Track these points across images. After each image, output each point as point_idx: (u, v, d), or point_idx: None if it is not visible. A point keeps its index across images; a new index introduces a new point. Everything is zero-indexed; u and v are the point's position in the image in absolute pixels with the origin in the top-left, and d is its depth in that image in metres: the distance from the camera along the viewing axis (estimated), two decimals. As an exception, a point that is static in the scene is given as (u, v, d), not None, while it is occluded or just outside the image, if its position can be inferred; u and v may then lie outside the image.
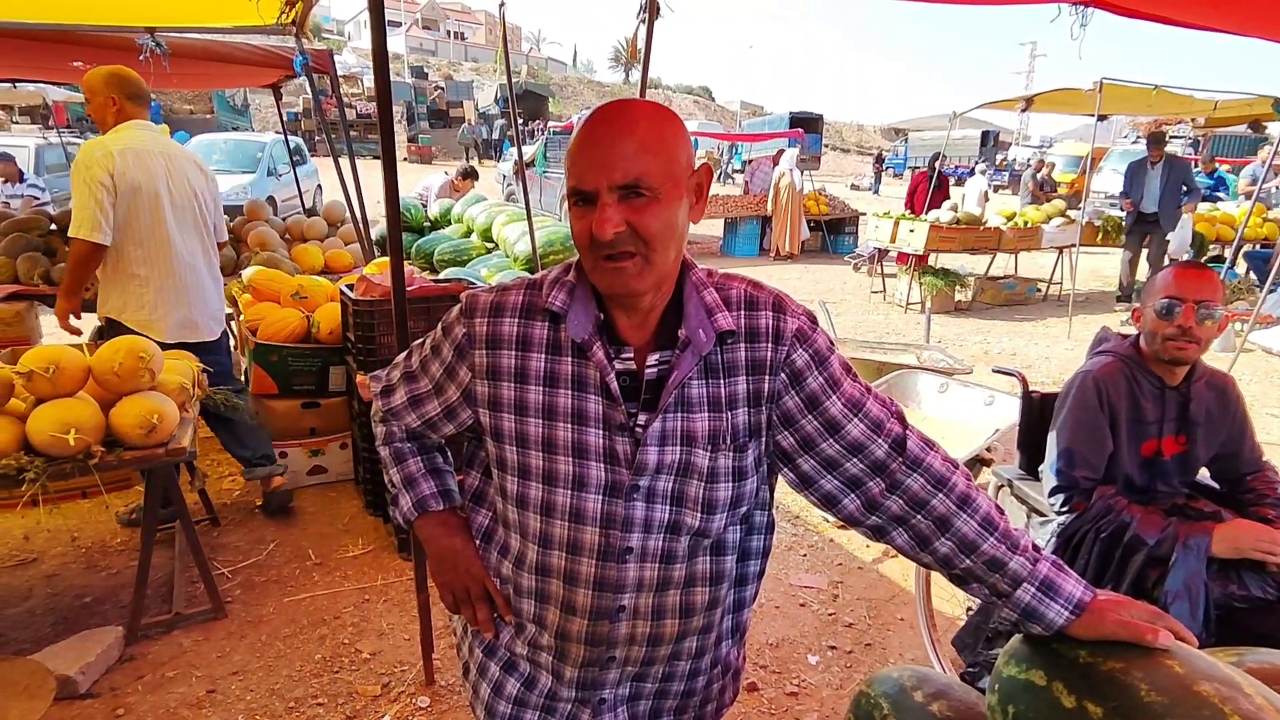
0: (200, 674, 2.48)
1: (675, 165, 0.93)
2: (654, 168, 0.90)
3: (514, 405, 1.00)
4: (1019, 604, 0.96)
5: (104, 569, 3.05)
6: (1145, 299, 1.87)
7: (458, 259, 6.36)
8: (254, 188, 10.43)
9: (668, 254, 0.93)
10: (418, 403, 1.13)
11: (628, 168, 0.89)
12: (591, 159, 0.90)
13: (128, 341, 2.48)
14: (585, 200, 0.91)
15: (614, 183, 0.89)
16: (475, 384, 1.03)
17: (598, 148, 0.91)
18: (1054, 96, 8.72)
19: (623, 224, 0.89)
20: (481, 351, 1.02)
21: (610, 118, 0.93)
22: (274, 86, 6.20)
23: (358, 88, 27.05)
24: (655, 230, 0.90)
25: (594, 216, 0.90)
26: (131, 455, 2.41)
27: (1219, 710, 0.77)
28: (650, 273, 0.92)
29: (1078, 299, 8.03)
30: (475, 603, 1.12)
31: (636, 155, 0.89)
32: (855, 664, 2.67)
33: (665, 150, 0.92)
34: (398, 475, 1.19)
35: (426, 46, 56.57)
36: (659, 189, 0.91)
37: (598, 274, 0.94)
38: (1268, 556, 1.65)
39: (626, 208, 0.90)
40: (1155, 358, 1.86)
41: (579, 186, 0.91)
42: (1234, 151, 18.12)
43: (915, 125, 37.76)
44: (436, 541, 1.15)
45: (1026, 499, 2.18)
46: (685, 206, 0.96)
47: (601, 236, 0.89)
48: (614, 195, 0.90)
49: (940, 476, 0.99)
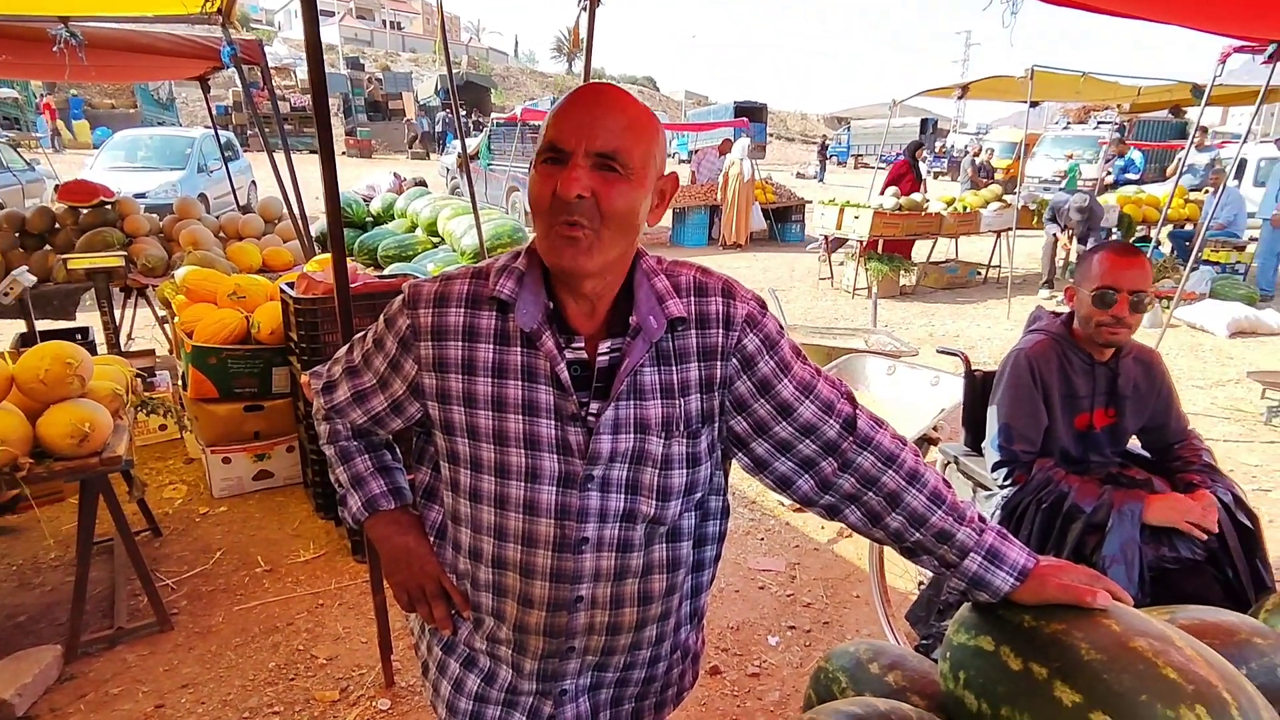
0: (147, 689, 2.40)
1: (651, 159, 0.94)
2: (634, 150, 0.90)
3: (463, 397, 0.98)
4: (967, 573, 0.99)
5: (37, 586, 2.91)
6: (1080, 280, 1.93)
7: (403, 254, 6.24)
8: (184, 185, 9.99)
9: (619, 240, 0.92)
10: (362, 399, 1.10)
11: (610, 138, 0.89)
12: (578, 121, 0.90)
13: (53, 347, 2.36)
14: (557, 159, 0.90)
15: (594, 148, 0.89)
16: (422, 376, 1.01)
17: (587, 112, 0.90)
18: (989, 84, 8.99)
19: (589, 189, 0.88)
20: (427, 343, 0.99)
21: (605, 91, 0.93)
22: (201, 79, 5.94)
23: (290, 80, 26.15)
24: (618, 208, 0.90)
25: (562, 175, 0.88)
26: (63, 466, 2.30)
27: (1153, 663, 0.81)
28: (598, 251, 0.91)
29: (1015, 281, 8.31)
30: (431, 600, 1.10)
31: (623, 131, 0.90)
32: (814, 642, 2.73)
33: (647, 140, 0.93)
34: (345, 475, 1.16)
35: (362, 37, 55.01)
36: (633, 170, 0.90)
37: (549, 241, 0.92)
38: (1193, 530, 1.74)
39: (598, 178, 0.89)
40: (1088, 339, 1.94)
41: (556, 143, 0.90)
42: (1157, 136, 18.94)
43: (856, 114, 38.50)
44: (389, 541, 1.13)
45: (972, 474, 2.25)
46: (648, 203, 0.96)
47: (566, 194, 0.87)
48: (588, 160, 0.89)
49: (890, 454, 1.02)
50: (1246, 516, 1.83)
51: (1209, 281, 8.06)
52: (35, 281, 4.16)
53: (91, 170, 10.02)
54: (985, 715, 0.91)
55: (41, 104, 21.32)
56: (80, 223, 5.21)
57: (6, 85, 17.46)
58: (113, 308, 4.76)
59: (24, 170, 10.74)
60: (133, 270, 4.78)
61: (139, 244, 5.04)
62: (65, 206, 5.29)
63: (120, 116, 22.45)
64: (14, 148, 11.45)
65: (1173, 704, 0.76)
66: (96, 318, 4.71)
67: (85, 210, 5.26)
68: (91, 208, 5.26)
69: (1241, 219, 9.05)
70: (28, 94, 19.24)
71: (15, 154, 11.05)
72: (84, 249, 4.82)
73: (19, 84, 18.12)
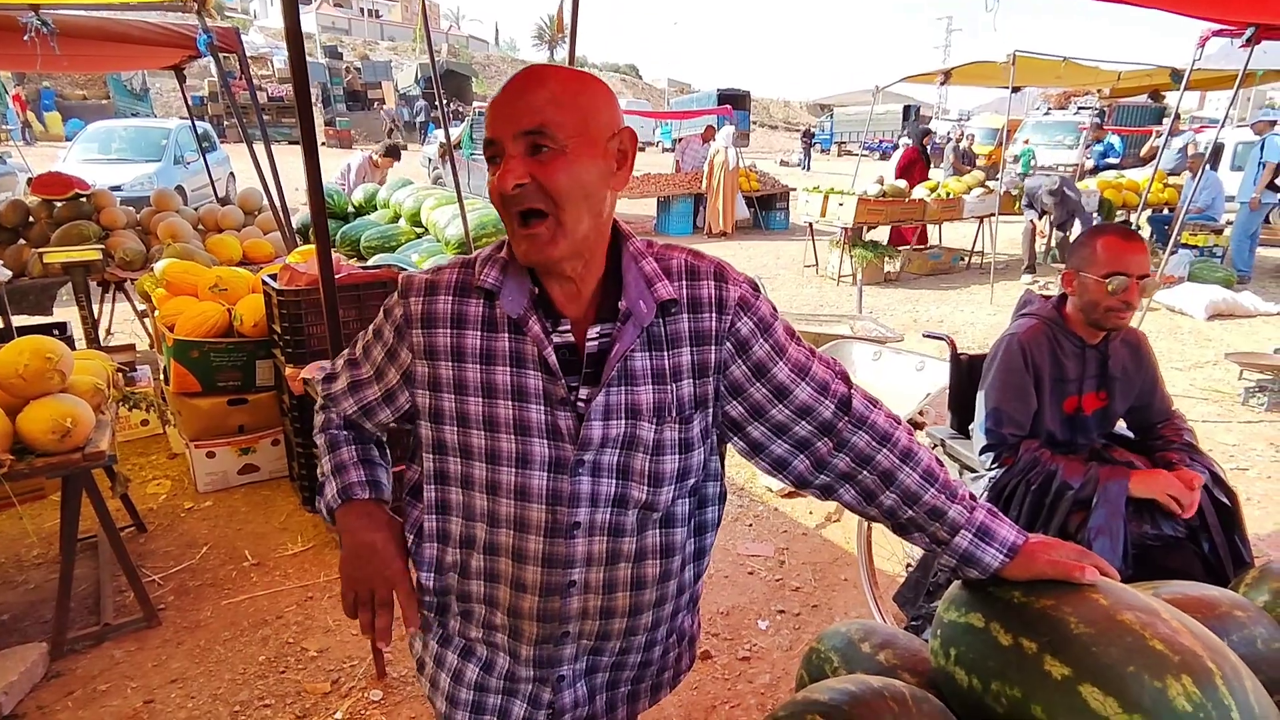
0: (135, 685, 2.38)
1: (590, 122, 0.90)
2: (563, 119, 0.88)
3: (453, 384, 0.98)
4: (957, 550, 1.00)
5: (20, 584, 2.88)
6: (1081, 265, 1.91)
7: (386, 245, 6.19)
8: (160, 177, 9.81)
9: (579, 216, 0.90)
10: (357, 388, 1.11)
11: (533, 115, 0.87)
12: (501, 109, 0.89)
13: (31, 342, 2.32)
14: (495, 155, 0.90)
15: (519, 129, 0.87)
16: (415, 365, 1.01)
17: (508, 99, 0.90)
18: (971, 69, 9.03)
19: (525, 176, 0.87)
20: (418, 331, 1.00)
21: (525, 73, 0.92)
22: (176, 68, 5.84)
23: (267, 69, 25.69)
24: (562, 186, 0.88)
25: (498, 170, 0.89)
26: (44, 462, 2.27)
27: (1140, 635, 0.82)
28: (563, 237, 0.90)
29: (998, 266, 8.37)
30: (378, 607, 1.05)
31: (545, 105, 0.88)
32: (804, 625, 2.75)
33: (578, 106, 0.90)
34: (329, 463, 1.14)
35: (340, 25, 54.23)
36: (566, 143, 0.88)
37: (514, 240, 0.93)
38: (1172, 504, 1.77)
39: (533, 162, 0.88)
40: (1089, 322, 1.94)
41: (489, 137, 0.90)
42: (1136, 121, 19.11)
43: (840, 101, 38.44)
44: (354, 534, 1.07)
45: (959, 456, 2.27)
46: (602, 170, 0.92)
47: (503, 187, 0.88)
48: (519, 145, 0.88)
49: (884, 433, 1.03)
50: (1225, 494, 1.87)
51: (1187, 265, 8.16)
52: (10, 276, 4.09)
53: (65, 163, 9.81)
54: (976, 690, 0.93)
55: (12, 95, 20.87)
56: (55, 216, 5.12)
57: (-26, 76, 17.08)
58: (91, 302, 4.69)
59: (-5, 163, 10.54)
60: (110, 264, 4.71)
61: (116, 237, 4.96)
62: (39, 200, 5.20)
63: (93, 108, 22.04)
64: (-16, 140, 11.21)
65: (1160, 674, 0.78)
66: (74, 312, 4.63)
67: (60, 203, 5.17)
68: (66, 201, 5.17)
69: (1220, 203, 9.17)
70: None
71: (-14, 147, 10.83)
72: (60, 242, 4.74)
73: (-12, 75, 17.74)
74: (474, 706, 1.10)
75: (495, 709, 1.10)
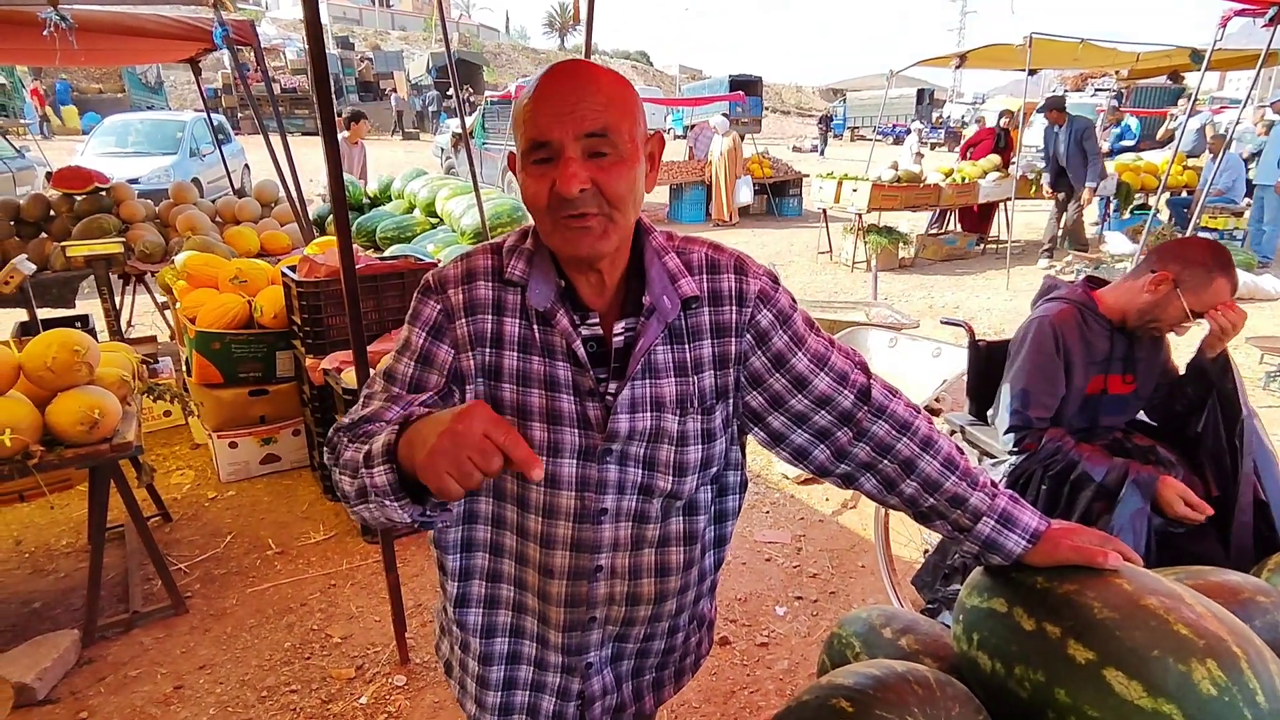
0: (165, 671, 2.43)
1: (636, 127, 0.91)
2: (621, 124, 0.88)
3: (489, 370, 0.98)
4: (980, 536, 1.01)
5: (51, 573, 2.94)
6: (1184, 280, 1.82)
7: (402, 235, 6.21)
8: (177, 169, 9.88)
9: (629, 217, 0.92)
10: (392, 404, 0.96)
11: (596, 116, 0.86)
12: (556, 109, 0.86)
13: (59, 335, 2.36)
14: (545, 156, 0.87)
15: (582, 131, 0.85)
16: (460, 359, 0.97)
17: (563, 99, 0.86)
18: (986, 52, 8.90)
19: (588, 181, 0.86)
20: (463, 321, 0.97)
21: (573, 70, 0.88)
22: (192, 61, 5.87)
23: (280, 60, 25.80)
24: (621, 191, 0.88)
25: (557, 172, 0.86)
26: (73, 453, 2.32)
27: (1164, 620, 0.82)
28: (615, 233, 0.91)
29: (1014, 251, 8.29)
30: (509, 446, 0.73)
31: (605, 109, 0.86)
32: (821, 612, 2.77)
33: (630, 110, 0.90)
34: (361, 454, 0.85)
35: (350, 15, 54.19)
36: (624, 147, 0.88)
37: (557, 235, 0.90)
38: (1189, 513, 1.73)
39: (593, 165, 0.87)
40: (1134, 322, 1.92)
41: (541, 138, 0.86)
42: (1154, 102, 18.79)
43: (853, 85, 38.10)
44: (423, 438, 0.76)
45: (977, 443, 2.27)
46: (643, 171, 0.94)
47: (567, 192, 0.85)
48: (579, 148, 0.86)
49: (904, 421, 1.03)
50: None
51: (1208, 248, 8.04)
52: (35, 269, 4.14)
53: (83, 156, 9.91)
54: (999, 675, 0.93)
55: (31, 90, 21.06)
56: (75, 210, 5.18)
57: (-8, 72, 17.24)
58: (113, 294, 4.75)
59: (14, 158, 10.62)
60: (131, 257, 4.76)
61: (136, 230, 5.01)
62: (59, 194, 5.26)
63: (108, 101, 22.19)
64: (3, 135, 11.32)
65: (1184, 659, 0.78)
66: (96, 305, 4.70)
67: (80, 197, 5.23)
68: (86, 194, 5.23)
69: (1240, 185, 9.02)
70: (14, 80, 18.99)
71: (4, 141, 10.93)
72: (81, 236, 4.80)
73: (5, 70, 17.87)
74: (502, 708, 1.11)
75: (523, 706, 1.11)
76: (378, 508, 0.83)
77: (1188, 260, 1.83)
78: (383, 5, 60.75)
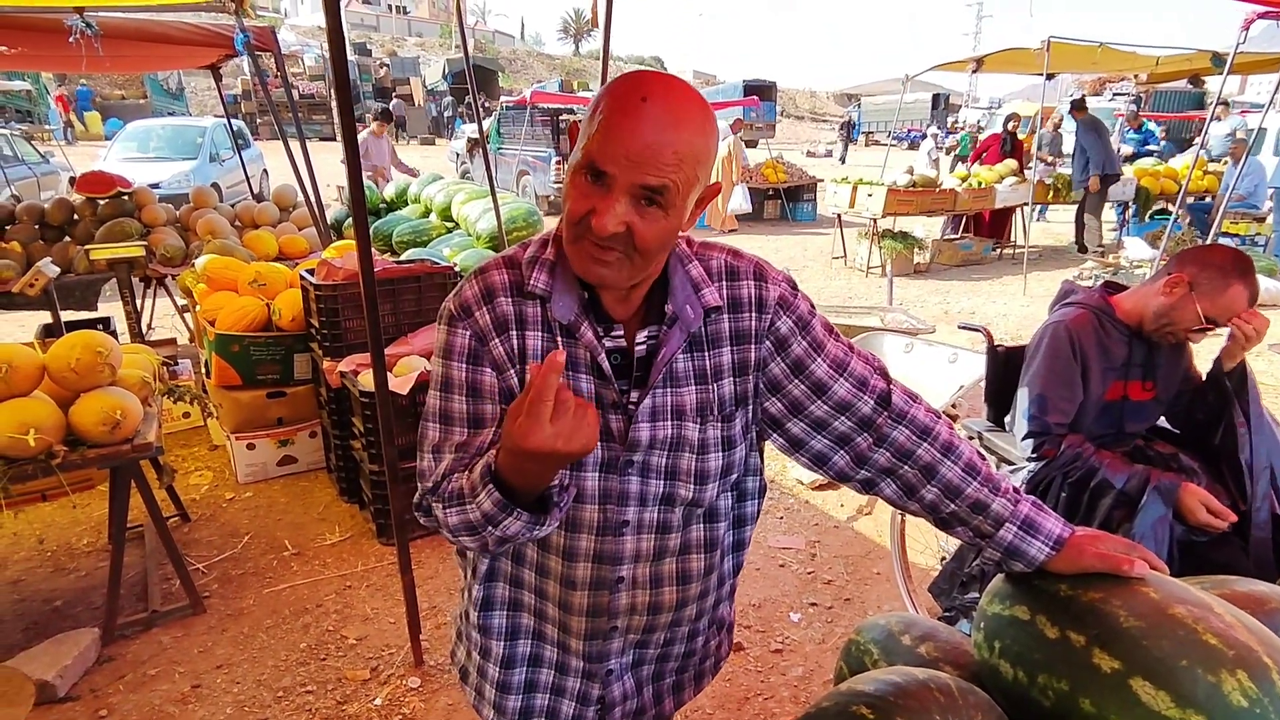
0: (183, 670, 2.45)
1: (697, 179, 0.87)
2: (684, 180, 0.84)
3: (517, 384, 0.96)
4: (1002, 543, 1.00)
5: (72, 571, 2.98)
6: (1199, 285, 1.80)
7: (418, 240, 6.26)
8: (197, 174, 10.02)
9: (651, 263, 0.90)
10: (465, 449, 0.95)
11: (660, 173, 0.82)
12: (627, 149, 0.81)
13: (83, 337, 2.40)
14: (597, 177, 0.84)
15: (638, 182, 0.82)
16: (505, 379, 0.95)
17: (638, 138, 0.81)
18: (1004, 56, 8.85)
19: (623, 225, 0.84)
20: (496, 341, 0.94)
21: (663, 105, 0.82)
22: (213, 67, 5.95)
23: (298, 66, 26.11)
24: (652, 244, 0.86)
25: (600, 205, 0.83)
26: (96, 453, 2.35)
27: (1192, 629, 0.81)
28: (629, 272, 0.89)
29: (1031, 256, 8.22)
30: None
31: (676, 167, 0.83)
32: (836, 619, 2.75)
33: (699, 160, 0.86)
34: (465, 489, 0.89)
35: (368, 22, 54.76)
36: (674, 205, 0.85)
37: (576, 253, 0.89)
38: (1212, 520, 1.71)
39: (635, 211, 0.84)
40: (1148, 326, 1.90)
41: (599, 166, 0.83)
42: (1175, 106, 18.58)
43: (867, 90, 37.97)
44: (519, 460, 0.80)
45: (996, 449, 2.25)
46: (685, 220, 0.90)
47: (600, 230, 0.83)
48: (630, 192, 0.83)
49: (925, 426, 1.02)
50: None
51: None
52: (59, 272, 4.21)
53: (105, 161, 10.06)
54: (1021, 683, 0.92)
55: (55, 96, 21.43)
56: (99, 214, 5.26)
57: (19, 78, 17.54)
58: (134, 297, 4.81)
59: (38, 163, 10.82)
60: (152, 260, 4.83)
61: (157, 234, 5.08)
62: (83, 198, 5.34)
63: (131, 107, 22.55)
64: (28, 140, 11.52)
65: (1214, 669, 0.77)
66: (118, 308, 4.76)
67: (103, 201, 5.31)
68: (109, 199, 5.31)
69: (1263, 189, 8.91)
70: (39, 86, 19.34)
71: (29, 146, 11.13)
72: (104, 240, 4.87)
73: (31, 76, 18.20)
74: (521, 713, 1.10)
75: (543, 710, 1.11)
76: (497, 531, 0.87)
77: (1205, 264, 1.81)
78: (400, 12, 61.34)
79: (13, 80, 17.17)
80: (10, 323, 5.95)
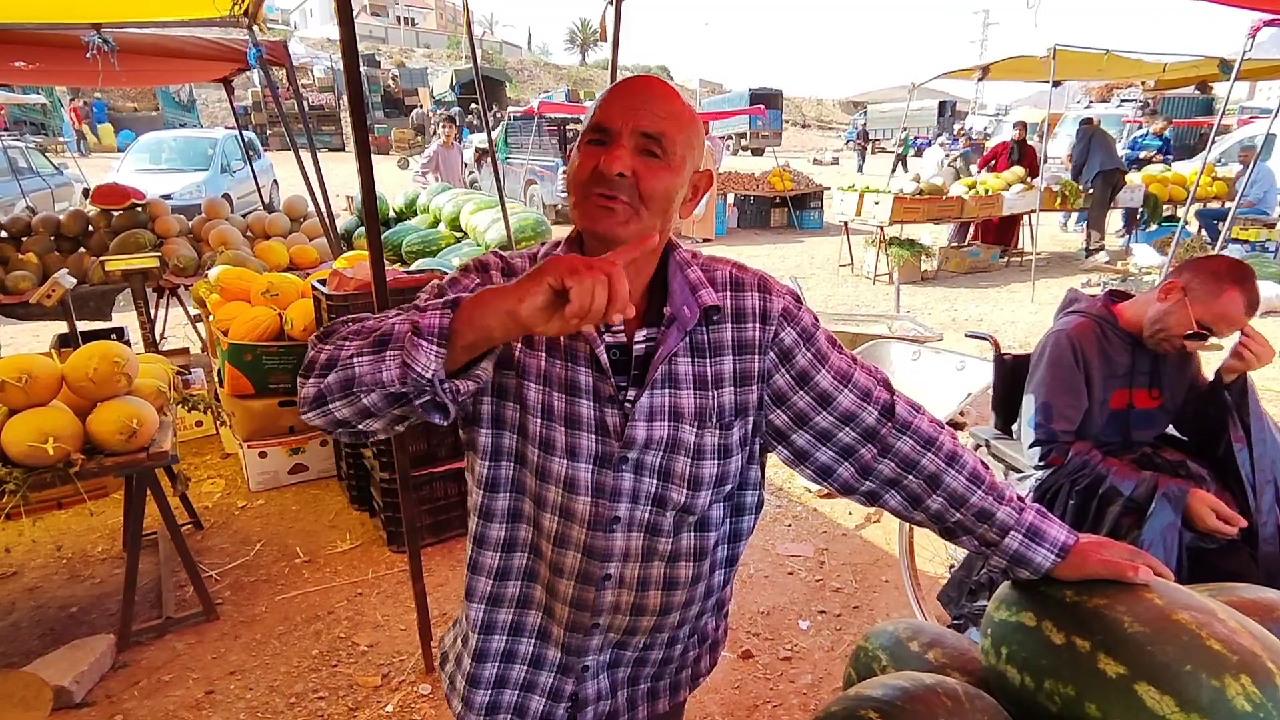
0: (197, 676, 2.48)
1: (689, 149, 0.97)
2: (676, 136, 0.94)
3: (519, 368, 1.00)
4: (1008, 551, 1.01)
5: (88, 578, 3.01)
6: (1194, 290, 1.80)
7: (427, 249, 6.29)
8: (208, 185, 10.12)
9: (653, 220, 0.95)
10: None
11: (655, 121, 0.93)
12: (625, 104, 0.94)
13: (100, 347, 2.44)
14: (601, 139, 0.94)
15: (639, 128, 0.93)
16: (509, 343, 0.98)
17: (634, 96, 0.95)
18: (1010, 64, 8.86)
19: (630, 169, 0.92)
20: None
21: (650, 80, 0.98)
22: (225, 80, 6.03)
23: (308, 78, 26.40)
24: (656, 190, 0.93)
25: (606, 152, 0.92)
26: (113, 461, 2.38)
27: (1196, 635, 0.82)
28: (634, 223, 0.94)
29: (1039, 263, 8.21)
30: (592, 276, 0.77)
31: (667, 117, 0.94)
32: (844, 626, 2.75)
33: (689, 130, 0.97)
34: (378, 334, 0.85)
35: (376, 34, 55.26)
36: (672, 156, 0.94)
37: (585, 209, 0.95)
38: (1222, 526, 1.71)
39: (639, 159, 0.93)
40: (1155, 336, 1.90)
41: (602, 123, 0.94)
42: (1183, 113, 18.54)
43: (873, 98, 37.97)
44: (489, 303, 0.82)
45: (1004, 457, 2.26)
46: (683, 193, 0.99)
47: (608, 170, 0.91)
48: (633, 141, 0.93)
49: (929, 437, 1.04)
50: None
51: (1239, 261, 7.91)
52: (75, 283, 4.26)
53: (119, 173, 10.18)
54: (1028, 689, 0.93)
55: (69, 108, 21.70)
56: (113, 225, 5.33)
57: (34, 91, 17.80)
58: (148, 307, 4.87)
59: (52, 174, 10.96)
60: (165, 270, 4.88)
61: (170, 245, 5.15)
62: (98, 209, 5.41)
63: (143, 119, 22.83)
64: (42, 152, 11.67)
65: (1218, 674, 0.78)
66: (131, 318, 4.81)
67: (117, 213, 5.38)
68: (123, 210, 5.38)
69: (1272, 196, 8.87)
70: (53, 99, 19.60)
71: (44, 158, 11.27)
72: (118, 251, 4.93)
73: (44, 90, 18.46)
74: (489, 708, 1.10)
75: (510, 706, 1.11)
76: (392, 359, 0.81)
77: (1201, 270, 1.82)
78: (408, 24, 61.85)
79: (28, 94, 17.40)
80: (25, 332, 6.03)
